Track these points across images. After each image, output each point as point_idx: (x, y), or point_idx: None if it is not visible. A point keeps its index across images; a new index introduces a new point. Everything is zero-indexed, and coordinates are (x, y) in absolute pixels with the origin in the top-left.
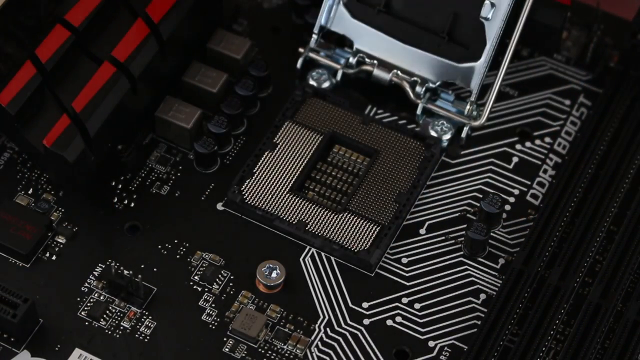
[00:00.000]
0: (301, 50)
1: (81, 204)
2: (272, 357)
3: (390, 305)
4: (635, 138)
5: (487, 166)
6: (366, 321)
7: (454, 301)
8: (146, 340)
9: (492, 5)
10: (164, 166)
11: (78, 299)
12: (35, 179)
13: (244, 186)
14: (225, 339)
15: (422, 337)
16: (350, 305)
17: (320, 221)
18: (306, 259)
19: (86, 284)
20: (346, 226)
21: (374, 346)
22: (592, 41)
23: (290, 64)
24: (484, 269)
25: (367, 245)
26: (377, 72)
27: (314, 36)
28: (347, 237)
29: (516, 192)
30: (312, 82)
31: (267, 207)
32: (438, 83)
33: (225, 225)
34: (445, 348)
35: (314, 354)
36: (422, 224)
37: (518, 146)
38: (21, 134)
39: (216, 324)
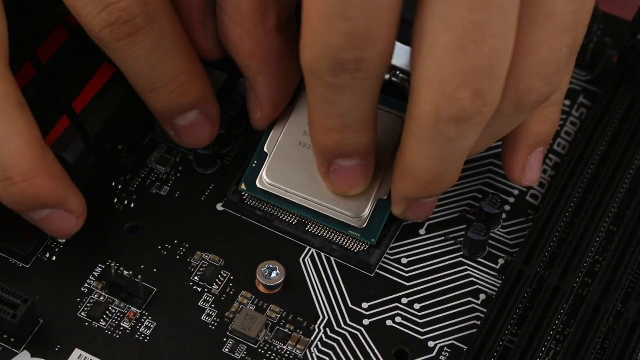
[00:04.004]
0: None
1: None
2: (272, 357)
3: (390, 306)
4: (635, 138)
5: (487, 166)
6: (366, 321)
7: (453, 301)
8: (146, 340)
9: None
10: (164, 167)
11: (78, 299)
12: None
13: None
14: (225, 340)
15: (422, 337)
16: (350, 305)
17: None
18: (306, 259)
19: (86, 285)
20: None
21: (373, 346)
22: (592, 41)
23: None
24: (484, 269)
25: (367, 246)
26: None
27: None
28: (347, 237)
29: (516, 192)
30: None
31: (267, 208)
32: None
33: (225, 225)
34: (445, 348)
35: (313, 355)
36: (422, 224)
37: None
38: None
39: (216, 324)
